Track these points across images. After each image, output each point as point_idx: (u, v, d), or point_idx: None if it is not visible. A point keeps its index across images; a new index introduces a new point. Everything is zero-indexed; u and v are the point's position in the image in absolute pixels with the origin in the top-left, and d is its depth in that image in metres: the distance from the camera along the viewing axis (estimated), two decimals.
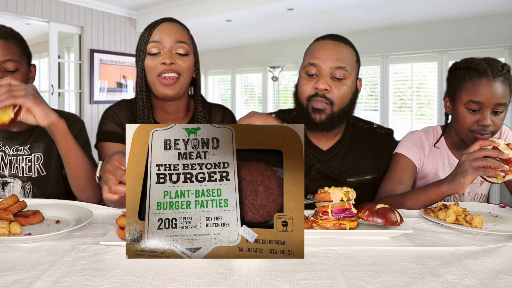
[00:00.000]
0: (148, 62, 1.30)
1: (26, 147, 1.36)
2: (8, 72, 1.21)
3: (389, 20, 5.55)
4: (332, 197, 0.95)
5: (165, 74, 1.28)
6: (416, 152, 1.42)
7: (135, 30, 6.34)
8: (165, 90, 1.29)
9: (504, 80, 1.29)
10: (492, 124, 1.28)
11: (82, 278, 0.69)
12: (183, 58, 1.31)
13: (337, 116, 1.35)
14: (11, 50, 1.22)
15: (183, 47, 1.31)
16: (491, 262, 0.78)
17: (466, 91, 1.31)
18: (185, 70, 1.31)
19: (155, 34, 1.30)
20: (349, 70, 1.33)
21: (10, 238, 0.87)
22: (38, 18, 5.20)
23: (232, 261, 0.76)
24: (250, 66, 7.82)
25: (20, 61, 1.24)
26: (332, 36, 1.39)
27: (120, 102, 1.44)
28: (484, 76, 1.28)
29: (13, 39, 1.25)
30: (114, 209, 1.15)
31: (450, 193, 1.16)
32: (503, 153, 1.07)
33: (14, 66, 1.22)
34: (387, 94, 6.12)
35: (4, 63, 1.20)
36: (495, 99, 1.27)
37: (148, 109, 1.35)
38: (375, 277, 0.71)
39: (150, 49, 1.30)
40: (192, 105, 1.47)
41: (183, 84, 1.32)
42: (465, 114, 1.31)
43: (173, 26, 1.34)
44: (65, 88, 7.22)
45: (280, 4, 4.68)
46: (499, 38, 5.08)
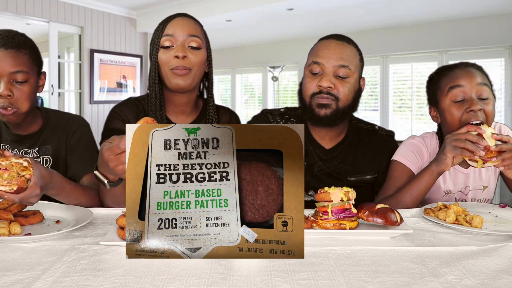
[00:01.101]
0: (161, 55, 1.32)
1: (35, 150, 1.36)
2: (17, 83, 1.21)
3: (389, 20, 5.55)
4: (332, 197, 0.95)
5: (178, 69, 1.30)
6: (413, 159, 1.41)
7: (135, 30, 6.34)
8: (178, 80, 1.31)
9: (477, 68, 1.32)
10: (482, 108, 1.25)
11: (82, 278, 0.69)
12: (195, 52, 1.33)
13: (342, 112, 1.36)
14: (21, 61, 1.21)
15: (195, 41, 1.33)
16: (491, 262, 0.78)
17: (444, 84, 1.33)
18: (197, 64, 1.33)
19: (169, 28, 1.33)
20: (353, 69, 1.35)
21: (10, 238, 0.87)
22: (38, 18, 5.21)
23: (232, 261, 0.76)
24: (250, 66, 7.82)
25: (30, 72, 1.23)
26: (336, 36, 1.41)
27: (127, 101, 1.44)
28: (456, 67, 1.33)
29: (24, 49, 1.23)
30: (114, 209, 1.15)
31: (438, 171, 1.23)
32: (482, 140, 1.14)
33: (23, 78, 1.21)
34: (387, 94, 6.12)
35: (14, 74, 1.19)
36: (475, 80, 1.27)
37: (160, 101, 1.37)
38: (375, 277, 0.71)
39: (163, 42, 1.32)
40: (200, 102, 1.49)
41: (194, 76, 1.34)
42: (452, 108, 1.30)
43: (186, 21, 1.36)
44: (65, 88, 7.22)
45: (280, 4, 4.68)
46: (499, 38, 5.08)
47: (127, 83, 6.33)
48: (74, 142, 1.39)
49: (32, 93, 1.25)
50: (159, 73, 1.35)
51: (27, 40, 1.27)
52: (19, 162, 0.92)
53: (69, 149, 1.39)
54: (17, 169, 0.92)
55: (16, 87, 1.21)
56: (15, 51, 1.20)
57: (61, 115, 1.44)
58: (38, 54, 1.30)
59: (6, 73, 1.19)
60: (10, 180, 0.91)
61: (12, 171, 0.91)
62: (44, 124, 1.39)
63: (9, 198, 0.92)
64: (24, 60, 1.22)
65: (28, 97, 1.24)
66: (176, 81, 1.31)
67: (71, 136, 1.40)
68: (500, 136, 1.16)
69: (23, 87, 1.22)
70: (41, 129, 1.37)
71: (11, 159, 0.92)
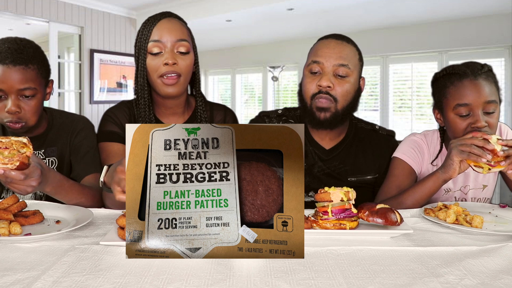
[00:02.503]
0: (150, 62, 1.31)
1: (41, 151, 1.36)
2: (25, 97, 1.21)
3: (389, 20, 5.55)
4: (332, 197, 0.95)
5: (168, 74, 1.29)
6: (414, 156, 1.41)
7: (135, 30, 6.34)
8: (168, 89, 1.30)
9: (487, 78, 1.26)
10: (487, 125, 1.23)
11: (82, 278, 0.69)
12: (184, 57, 1.32)
13: (341, 114, 1.36)
14: (29, 77, 1.20)
15: (184, 46, 1.31)
16: (491, 262, 0.78)
17: (451, 96, 1.28)
18: (186, 68, 1.32)
19: (155, 33, 1.30)
20: (352, 68, 1.35)
21: (10, 238, 0.87)
22: (38, 18, 5.20)
23: (232, 261, 0.76)
24: (250, 66, 7.82)
25: (38, 88, 1.23)
26: (335, 36, 1.42)
27: (119, 104, 1.44)
28: (465, 77, 1.26)
29: (33, 64, 1.21)
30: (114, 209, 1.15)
31: (445, 178, 1.20)
32: (489, 144, 1.12)
33: (31, 93, 1.21)
34: (387, 94, 6.12)
35: (22, 91, 1.20)
36: (482, 98, 1.23)
37: (149, 107, 1.36)
38: (375, 277, 0.71)
39: (151, 49, 1.30)
40: (191, 101, 1.48)
41: (184, 82, 1.34)
42: (456, 120, 1.27)
43: (173, 24, 1.33)
44: (65, 88, 7.22)
45: (280, 4, 4.68)
46: (499, 38, 5.08)
47: (127, 83, 6.32)
48: (77, 143, 1.39)
49: (39, 106, 1.26)
50: (147, 78, 1.34)
51: (36, 53, 1.24)
52: (18, 139, 0.95)
53: (73, 150, 1.39)
54: (17, 147, 0.95)
55: (23, 102, 1.21)
56: (23, 68, 1.18)
57: (65, 116, 1.44)
58: (46, 66, 1.28)
59: (14, 90, 1.18)
60: (11, 158, 0.93)
61: (12, 148, 0.94)
62: (50, 126, 1.38)
63: (15, 176, 0.94)
64: (32, 75, 1.21)
65: (35, 111, 1.24)
66: (166, 90, 1.31)
67: (75, 137, 1.39)
68: (506, 141, 1.13)
69: (31, 102, 1.22)
70: (47, 131, 1.37)
71: (11, 138, 0.94)
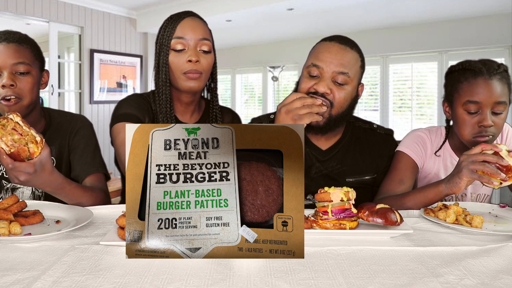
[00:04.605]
0: (173, 58, 1.33)
1: None
2: (20, 74, 1.23)
3: (389, 20, 5.55)
4: (332, 197, 0.95)
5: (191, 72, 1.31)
6: (417, 151, 1.41)
7: (135, 30, 6.34)
8: (190, 83, 1.33)
9: (501, 79, 1.27)
10: (493, 125, 1.25)
11: (82, 278, 0.69)
12: (206, 55, 1.34)
13: (334, 120, 1.34)
14: (23, 54, 1.24)
15: (207, 45, 1.34)
16: (491, 262, 0.78)
17: (463, 92, 1.29)
18: (208, 67, 1.35)
19: (179, 30, 1.33)
20: (352, 76, 1.31)
21: (10, 238, 0.87)
22: (38, 18, 5.20)
23: (232, 261, 0.76)
24: (250, 66, 7.82)
25: (31, 65, 1.26)
26: (339, 39, 1.35)
27: (132, 95, 1.45)
28: (480, 75, 1.27)
29: (26, 43, 1.27)
30: (114, 208, 1.15)
31: (447, 193, 1.16)
32: (503, 160, 1.06)
33: (25, 69, 1.24)
34: (387, 94, 6.12)
35: (16, 66, 1.22)
36: (493, 98, 1.24)
37: (171, 103, 1.38)
38: (375, 277, 0.71)
39: (174, 45, 1.32)
40: (202, 102, 1.51)
41: (205, 79, 1.37)
42: (465, 116, 1.28)
43: (196, 22, 1.36)
44: (65, 88, 7.22)
45: (280, 4, 4.67)
46: (499, 38, 5.07)
47: (127, 83, 6.32)
48: (76, 142, 1.38)
49: (34, 85, 1.27)
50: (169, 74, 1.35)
51: (28, 37, 1.31)
52: (35, 134, 0.98)
53: (72, 149, 1.39)
54: (28, 139, 0.97)
55: (18, 79, 1.23)
56: (16, 45, 1.24)
57: (64, 115, 1.43)
58: (39, 52, 1.33)
59: (8, 65, 1.21)
60: (14, 143, 0.95)
61: (23, 138, 0.96)
62: (47, 125, 1.38)
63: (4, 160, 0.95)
64: (26, 53, 1.26)
65: (30, 88, 1.25)
66: (188, 84, 1.33)
67: (74, 136, 1.39)
68: None
69: (26, 78, 1.24)
70: (45, 130, 1.37)
71: (31, 129, 0.97)
